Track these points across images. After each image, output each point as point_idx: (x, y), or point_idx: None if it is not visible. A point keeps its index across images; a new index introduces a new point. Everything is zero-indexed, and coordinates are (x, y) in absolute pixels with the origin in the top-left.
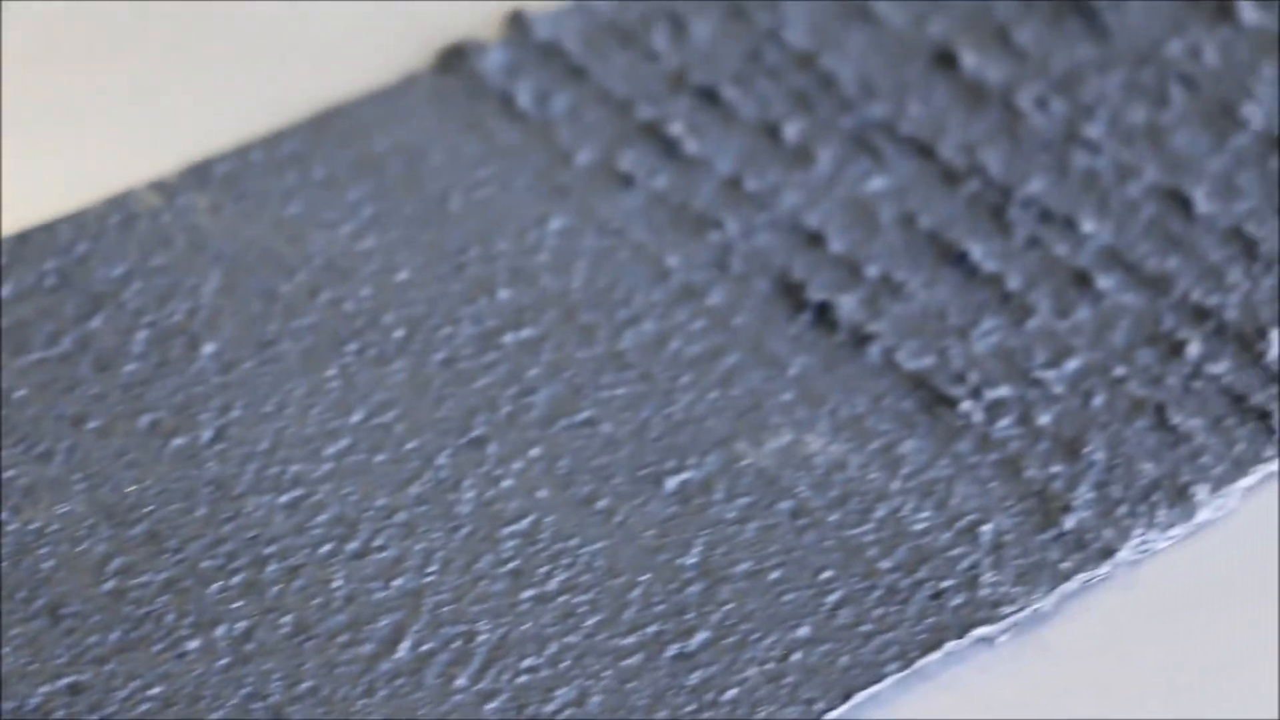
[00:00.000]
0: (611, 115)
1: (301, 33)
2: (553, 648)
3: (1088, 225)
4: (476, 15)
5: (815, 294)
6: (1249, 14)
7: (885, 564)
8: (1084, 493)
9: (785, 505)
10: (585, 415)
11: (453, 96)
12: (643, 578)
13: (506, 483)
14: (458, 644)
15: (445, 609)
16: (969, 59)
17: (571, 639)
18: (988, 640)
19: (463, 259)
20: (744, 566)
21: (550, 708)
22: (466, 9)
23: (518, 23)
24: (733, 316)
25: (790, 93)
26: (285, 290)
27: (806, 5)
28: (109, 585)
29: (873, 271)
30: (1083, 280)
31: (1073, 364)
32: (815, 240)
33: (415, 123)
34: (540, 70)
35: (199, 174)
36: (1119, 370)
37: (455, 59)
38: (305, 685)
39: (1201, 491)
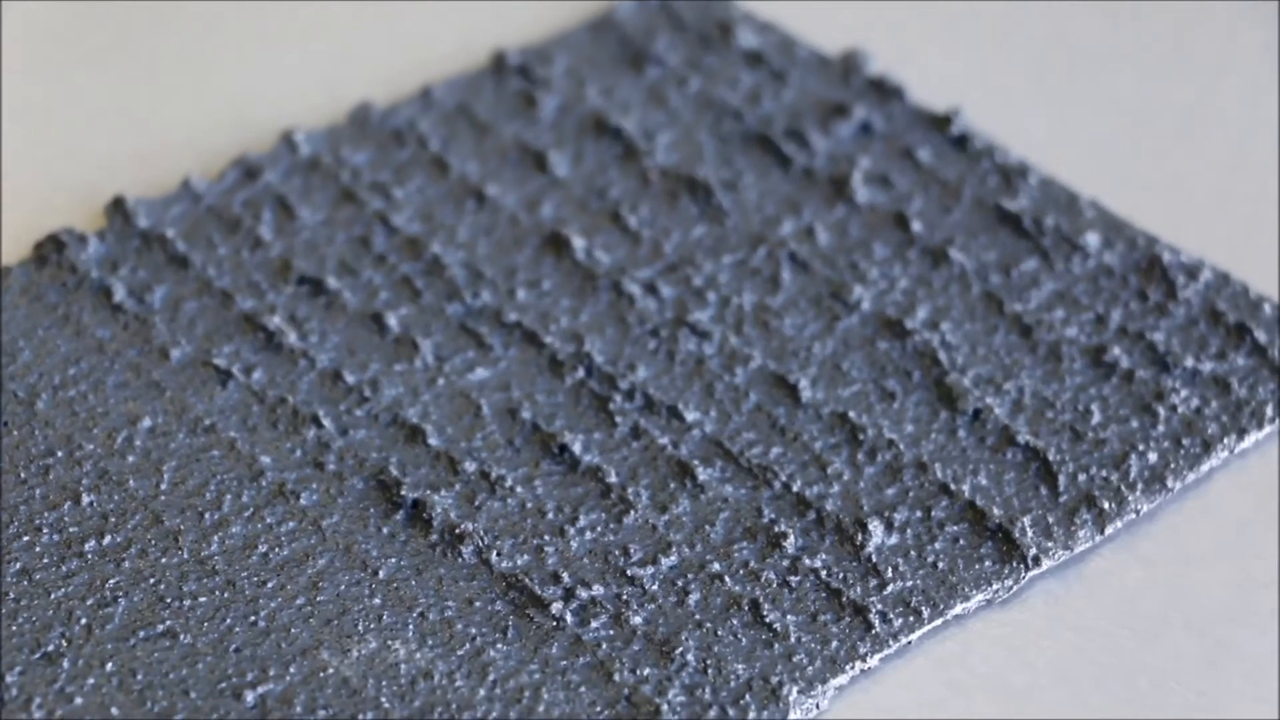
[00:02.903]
0: (211, 307)
1: None
2: None
3: (692, 414)
4: (77, 203)
5: (410, 492)
6: (863, 193)
7: None
8: (674, 695)
9: (367, 717)
10: (165, 626)
11: (47, 290)
12: None
13: (78, 700)
14: None
15: None
16: (579, 243)
17: None
18: None
19: (48, 462)
20: None
21: None
22: (66, 197)
23: (119, 211)
24: (325, 517)
25: (396, 281)
26: None
27: (418, 189)
28: None
29: (471, 467)
30: (684, 472)
31: (669, 560)
32: (414, 435)
33: (6, 318)
34: (140, 260)
35: None
36: (716, 566)
37: (52, 250)
38: None
39: (793, 691)
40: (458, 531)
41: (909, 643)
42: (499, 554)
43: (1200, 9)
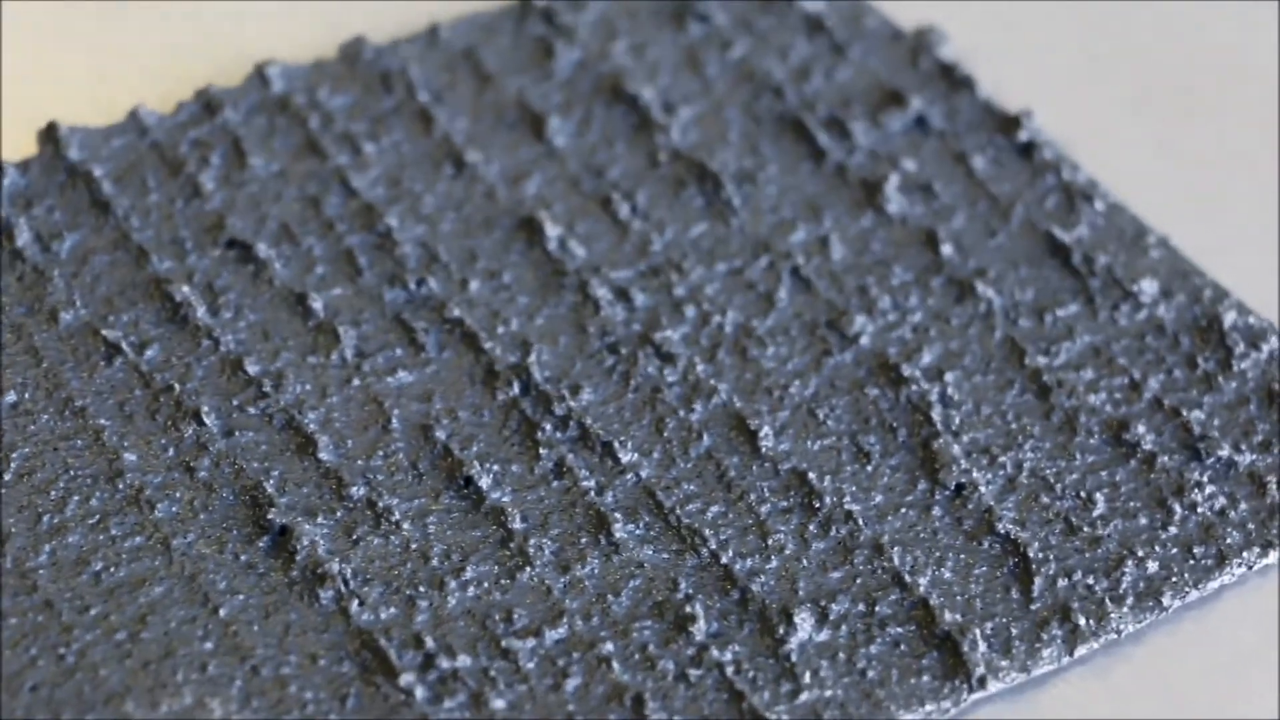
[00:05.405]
0: (123, 264)
1: None
2: None
3: (628, 455)
4: (19, 129)
5: (281, 516)
6: (896, 203)
7: None
8: None
9: None
10: None
11: None
12: None
13: None
14: None
15: None
16: (554, 231)
17: None
18: None
19: None
20: None
21: None
22: (8, 121)
23: (50, 139)
24: (178, 535)
25: (338, 254)
26: None
27: (392, 145)
28: None
29: (359, 492)
30: (601, 525)
31: (555, 634)
32: (306, 445)
33: None
34: (61, 199)
35: None
36: (608, 646)
37: None
38: None
39: None
40: (320, 571)
41: None
42: (362, 603)
43: None
